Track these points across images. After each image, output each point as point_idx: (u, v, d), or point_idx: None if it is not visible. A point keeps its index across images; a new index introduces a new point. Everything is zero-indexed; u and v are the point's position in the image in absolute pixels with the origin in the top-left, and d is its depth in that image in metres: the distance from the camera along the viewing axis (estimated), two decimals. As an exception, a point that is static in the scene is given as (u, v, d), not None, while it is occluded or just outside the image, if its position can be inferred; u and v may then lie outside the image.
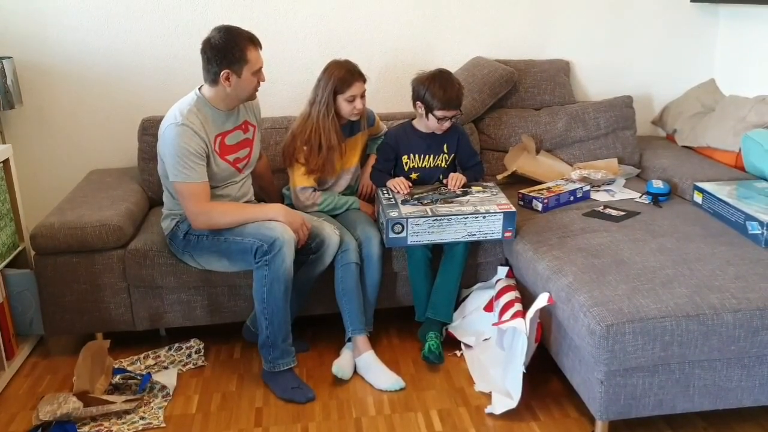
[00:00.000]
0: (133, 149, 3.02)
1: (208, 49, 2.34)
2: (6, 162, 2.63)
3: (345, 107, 2.62)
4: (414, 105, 2.72)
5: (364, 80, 2.63)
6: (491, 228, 2.52)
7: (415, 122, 2.78)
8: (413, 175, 2.77)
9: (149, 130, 2.91)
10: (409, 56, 3.28)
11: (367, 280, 2.57)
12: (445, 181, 2.75)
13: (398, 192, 2.66)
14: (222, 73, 2.33)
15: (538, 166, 3.11)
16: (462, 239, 2.54)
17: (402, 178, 2.71)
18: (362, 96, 2.63)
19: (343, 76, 2.59)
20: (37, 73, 3.12)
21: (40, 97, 3.15)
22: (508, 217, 2.52)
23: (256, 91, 2.46)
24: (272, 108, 3.15)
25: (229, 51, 2.31)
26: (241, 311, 2.67)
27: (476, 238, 2.54)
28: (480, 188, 2.72)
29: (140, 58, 3.17)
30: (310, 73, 2.66)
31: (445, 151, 2.77)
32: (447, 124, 2.67)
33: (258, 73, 2.40)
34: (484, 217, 2.50)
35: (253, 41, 2.37)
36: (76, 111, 3.20)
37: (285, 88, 3.24)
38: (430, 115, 2.65)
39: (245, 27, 2.39)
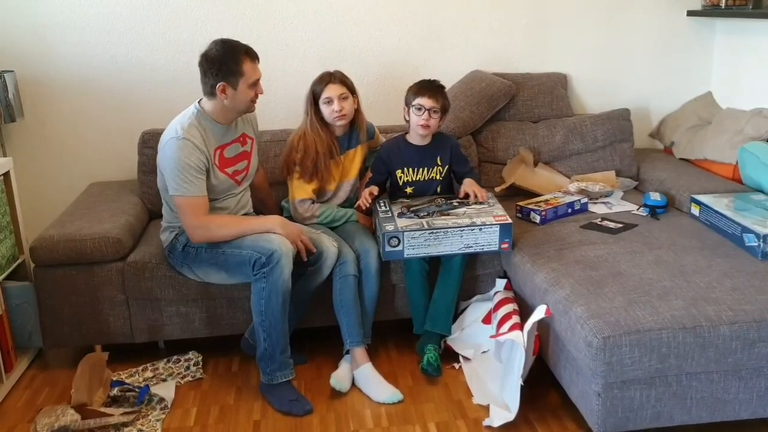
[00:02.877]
0: (133, 162, 3.03)
1: (205, 62, 2.36)
2: (7, 174, 2.64)
3: (325, 111, 2.64)
4: (403, 113, 2.75)
5: (342, 83, 2.64)
6: (488, 240, 2.53)
7: (408, 136, 2.80)
8: (408, 189, 2.78)
9: (149, 143, 2.93)
10: (408, 70, 3.30)
11: (365, 293, 2.58)
12: (462, 196, 2.72)
13: (362, 204, 2.65)
14: (218, 86, 2.35)
15: (536, 179, 3.13)
16: (459, 252, 2.54)
17: (366, 191, 2.68)
18: (342, 98, 2.62)
19: (317, 79, 2.65)
20: (39, 86, 3.14)
21: (41, 111, 3.17)
22: (504, 228, 2.52)
23: (254, 103, 2.46)
24: (271, 121, 3.17)
25: (224, 63, 2.34)
26: (239, 324, 2.67)
27: (473, 251, 2.55)
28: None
29: (140, 73, 3.19)
30: (308, 87, 2.68)
31: (439, 163, 2.78)
32: (425, 117, 2.65)
33: (255, 86, 2.41)
34: (480, 230, 2.51)
35: (249, 54, 2.38)
36: (76, 124, 3.22)
37: (284, 102, 3.26)
38: (411, 112, 2.69)
39: (245, 41, 2.42)
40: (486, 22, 3.37)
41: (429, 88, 2.68)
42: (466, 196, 2.71)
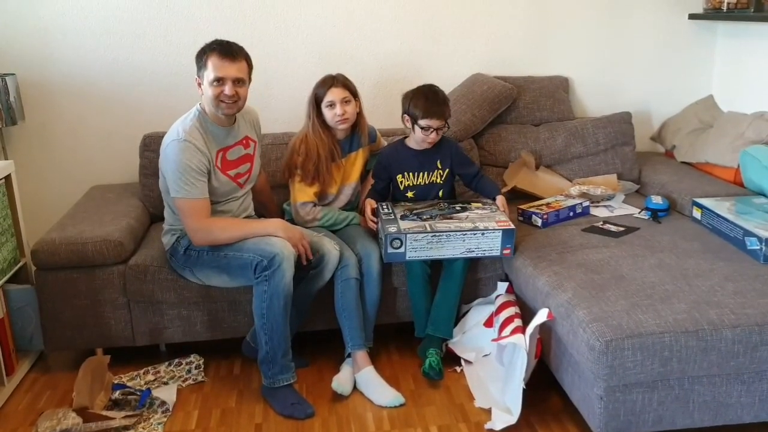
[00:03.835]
0: (135, 165, 3.03)
1: None
2: (8, 178, 2.64)
3: (327, 114, 2.64)
4: (403, 120, 2.73)
5: (344, 86, 2.63)
6: (490, 245, 2.52)
7: (407, 140, 2.80)
8: (409, 194, 2.78)
9: (150, 146, 2.93)
10: (409, 73, 3.31)
11: (367, 296, 2.57)
12: (493, 206, 2.70)
13: (370, 226, 2.67)
14: (196, 79, 2.40)
15: (538, 182, 3.13)
16: (461, 256, 2.54)
17: (367, 209, 2.68)
18: (345, 102, 2.62)
19: (320, 83, 2.66)
20: (40, 89, 3.15)
21: (42, 114, 3.17)
22: (506, 234, 2.52)
23: (223, 104, 2.38)
24: (272, 124, 3.16)
25: (198, 56, 2.39)
26: (241, 327, 2.67)
27: (475, 255, 2.55)
28: (479, 204, 2.73)
29: (141, 76, 3.20)
30: (309, 89, 2.69)
31: (439, 166, 2.77)
32: (432, 136, 2.66)
33: (217, 84, 2.35)
34: (482, 234, 2.51)
35: (221, 50, 2.35)
36: (77, 127, 3.22)
37: (285, 105, 3.26)
38: (415, 127, 2.67)
39: (245, 45, 2.44)
40: (487, 25, 3.38)
41: (436, 104, 2.62)
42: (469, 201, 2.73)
